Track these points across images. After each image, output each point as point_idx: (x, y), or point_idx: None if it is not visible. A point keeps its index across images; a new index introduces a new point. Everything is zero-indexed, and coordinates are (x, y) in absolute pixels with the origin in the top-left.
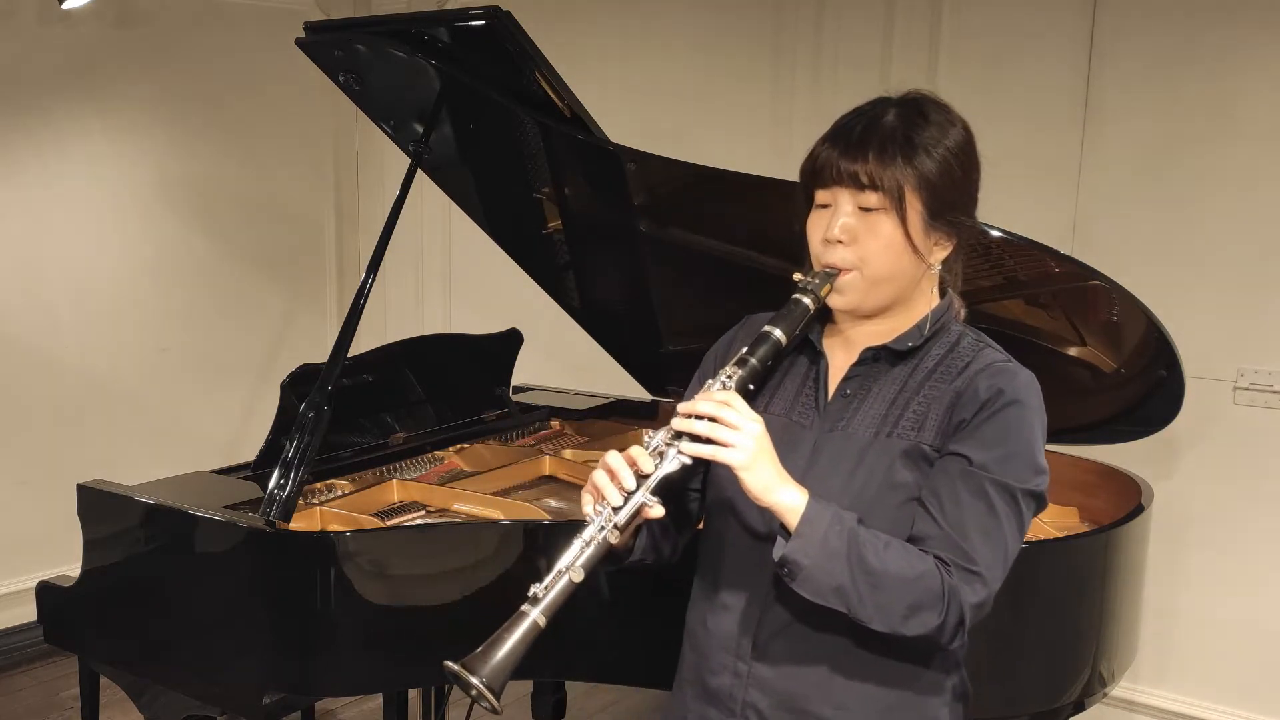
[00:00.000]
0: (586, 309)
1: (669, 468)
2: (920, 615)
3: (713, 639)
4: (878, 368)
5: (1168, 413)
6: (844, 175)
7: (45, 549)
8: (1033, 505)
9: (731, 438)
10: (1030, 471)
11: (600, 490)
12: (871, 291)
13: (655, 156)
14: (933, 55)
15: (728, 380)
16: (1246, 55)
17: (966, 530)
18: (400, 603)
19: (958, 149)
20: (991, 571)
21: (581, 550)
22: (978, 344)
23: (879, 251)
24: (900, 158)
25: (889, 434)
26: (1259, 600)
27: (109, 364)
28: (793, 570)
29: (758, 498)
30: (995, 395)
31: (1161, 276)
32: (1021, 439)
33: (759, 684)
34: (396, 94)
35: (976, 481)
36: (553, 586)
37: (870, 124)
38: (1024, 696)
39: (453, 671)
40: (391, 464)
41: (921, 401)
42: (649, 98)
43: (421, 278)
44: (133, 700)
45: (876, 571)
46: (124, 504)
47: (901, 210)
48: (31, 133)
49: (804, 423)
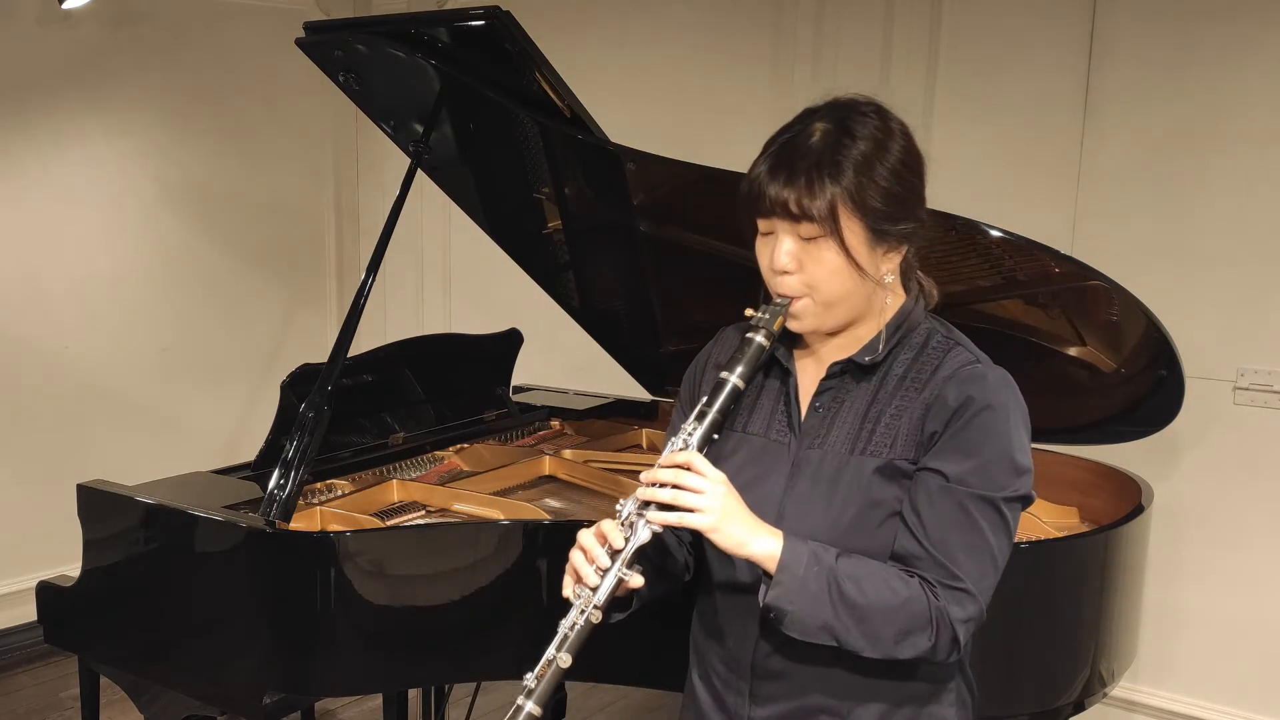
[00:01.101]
0: (586, 309)
1: (640, 539)
2: (911, 639)
3: (714, 653)
4: (846, 381)
5: (1168, 413)
6: (776, 205)
7: (45, 549)
8: (1018, 508)
9: (697, 502)
10: (1010, 476)
11: (578, 571)
12: (827, 314)
13: (655, 156)
14: (932, 56)
15: (688, 438)
16: (1246, 56)
17: (950, 548)
18: (400, 603)
19: (893, 160)
20: (980, 584)
21: (566, 636)
22: (947, 342)
23: (825, 278)
24: (829, 182)
25: (863, 450)
26: (1259, 600)
27: (109, 364)
28: (779, 615)
29: (733, 553)
30: (965, 403)
31: (1161, 276)
32: (997, 445)
33: (762, 699)
34: (396, 94)
35: (955, 498)
36: (543, 676)
37: (797, 147)
38: (1024, 696)
39: None
40: (391, 464)
41: (893, 414)
42: (649, 98)
43: (421, 278)
44: (133, 700)
45: (860, 606)
46: (124, 504)
47: (840, 235)
48: (31, 133)
49: (782, 440)
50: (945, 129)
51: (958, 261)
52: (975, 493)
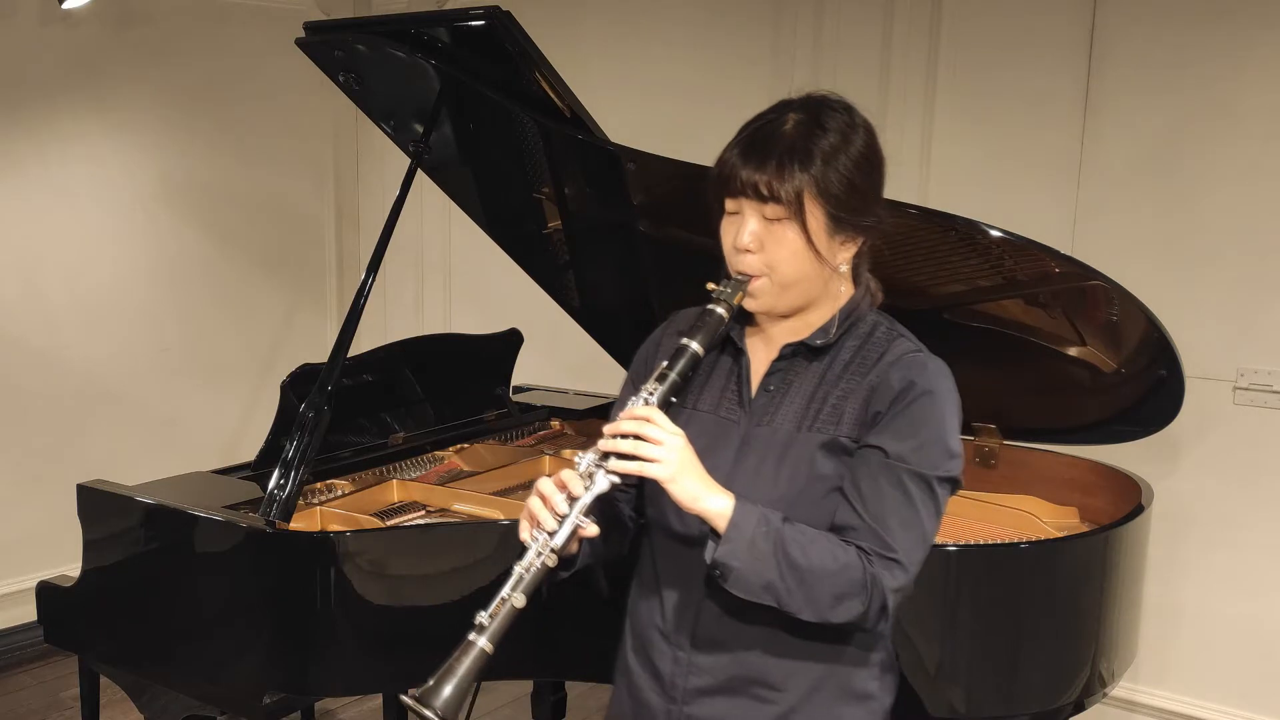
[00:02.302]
0: (586, 309)
1: (599, 489)
2: (846, 604)
3: (653, 628)
4: (796, 363)
5: (1168, 413)
6: (746, 187)
7: (45, 549)
8: (947, 489)
9: (656, 453)
10: (944, 458)
11: (535, 516)
12: (782, 295)
13: (655, 156)
14: (932, 54)
15: (649, 396)
16: (1246, 55)
17: (886, 520)
18: (400, 603)
19: (857, 154)
20: (910, 557)
21: (521, 577)
22: (891, 333)
23: (785, 259)
24: (798, 168)
25: (810, 427)
26: (1259, 600)
27: (109, 364)
28: (724, 572)
29: (686, 506)
30: (908, 387)
31: (1161, 276)
32: (934, 428)
33: (698, 670)
34: (396, 94)
35: (894, 473)
36: (497, 614)
37: (771, 134)
38: (1024, 696)
39: (407, 705)
40: (391, 464)
41: (839, 395)
42: (649, 97)
43: (421, 278)
44: (133, 700)
45: (802, 568)
46: (124, 504)
47: (803, 219)
48: (32, 132)
49: (731, 418)
50: (945, 128)
51: (958, 262)
52: (913, 469)
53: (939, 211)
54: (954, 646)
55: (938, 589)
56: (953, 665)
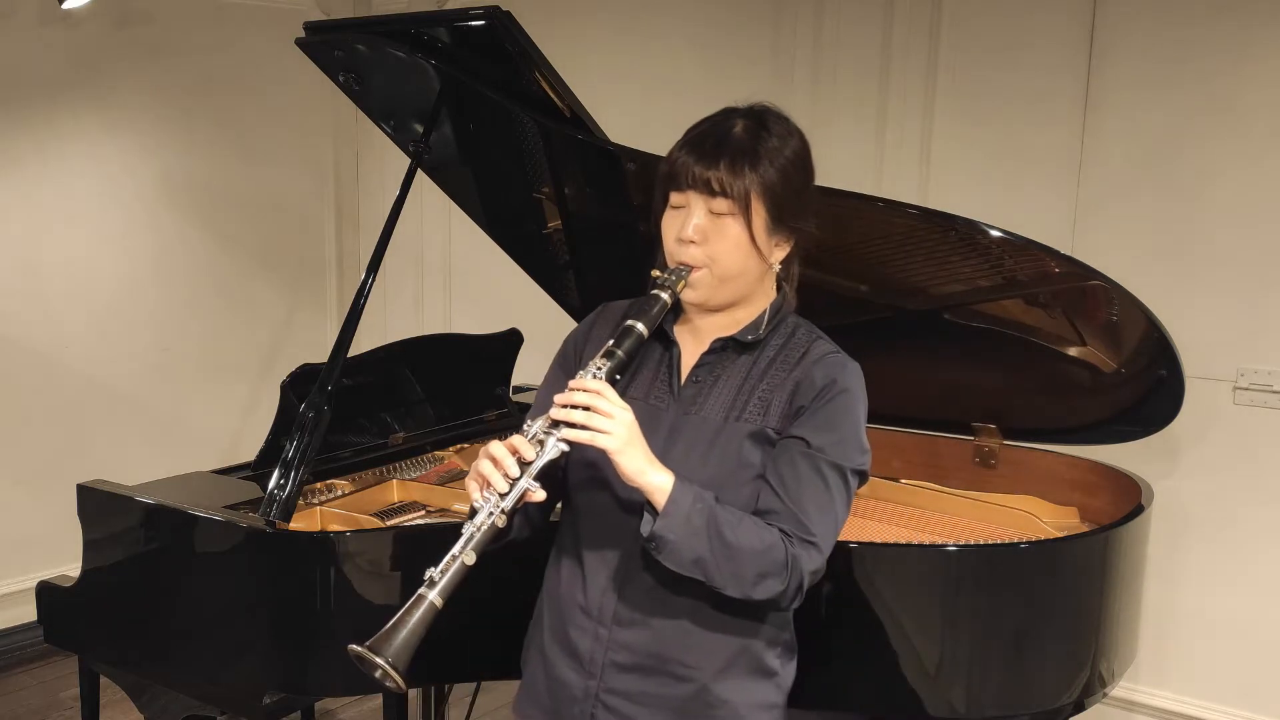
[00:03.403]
0: (586, 309)
1: (550, 454)
2: (767, 582)
3: (575, 604)
4: (725, 356)
5: (1168, 413)
6: (697, 181)
7: (45, 549)
8: (857, 481)
9: (606, 425)
10: (858, 452)
11: (486, 478)
12: (720, 288)
13: (655, 156)
14: (932, 54)
15: (598, 371)
16: (1246, 53)
17: (805, 506)
18: (400, 603)
19: (796, 159)
20: (826, 541)
21: (471, 535)
22: (810, 335)
23: (727, 251)
24: (748, 167)
25: (738, 418)
26: (1259, 600)
27: (109, 364)
28: (660, 544)
29: (630, 479)
30: (830, 384)
31: (1161, 276)
32: (850, 423)
33: (619, 646)
34: (396, 94)
35: (813, 462)
36: (447, 570)
37: (722, 135)
38: (1024, 696)
39: (357, 653)
40: (391, 464)
41: (765, 388)
42: (649, 97)
43: (421, 278)
44: (133, 700)
45: (732, 545)
46: (124, 504)
47: (748, 215)
48: (32, 132)
49: (660, 405)
50: (945, 127)
51: (958, 261)
52: (831, 460)
53: (939, 211)
54: (954, 646)
55: (938, 589)
56: (953, 665)
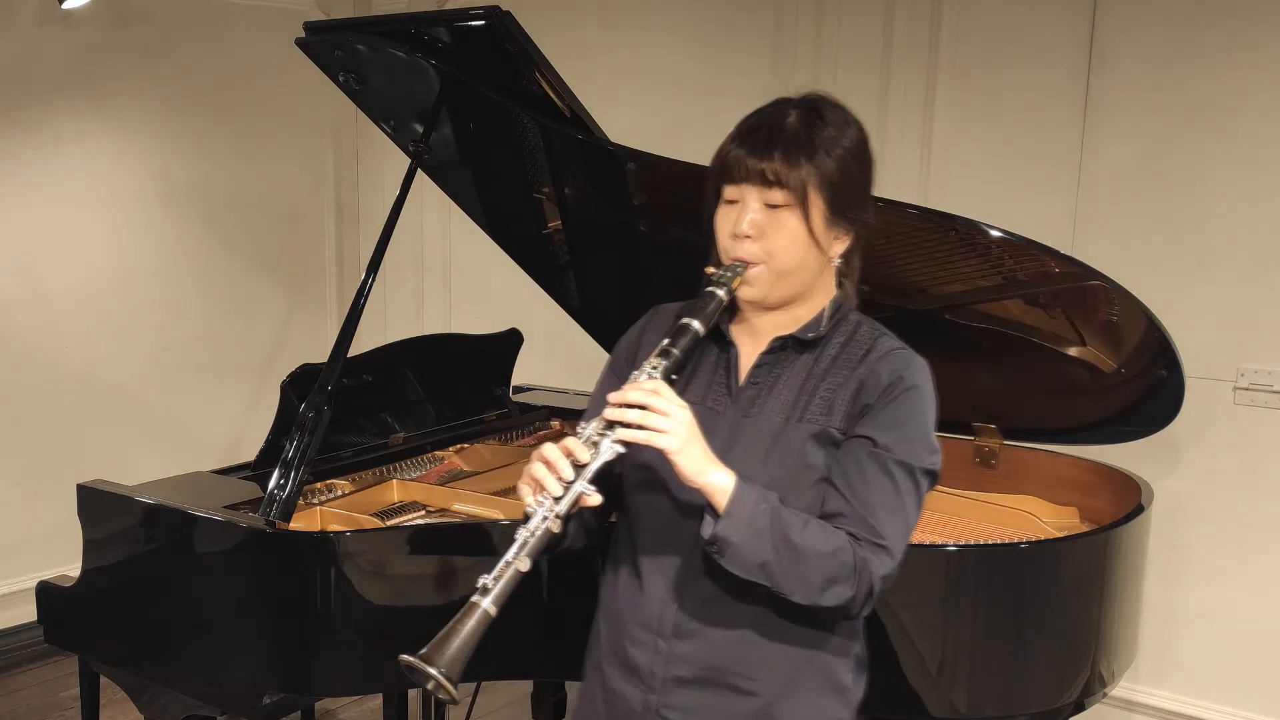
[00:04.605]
0: (586, 309)
1: (606, 456)
2: (836, 587)
3: (633, 616)
4: (785, 356)
5: (1168, 413)
6: (752, 173)
7: (45, 549)
8: (928, 481)
9: (663, 424)
10: (927, 451)
11: (540, 482)
12: (778, 284)
13: (655, 156)
14: (932, 54)
15: (653, 371)
16: (1246, 53)
17: (874, 507)
18: (400, 603)
19: (855, 148)
20: (897, 544)
21: (525, 541)
22: (874, 331)
23: (785, 246)
24: (804, 158)
25: (799, 419)
26: (1259, 600)
27: (109, 364)
28: (722, 547)
29: (690, 479)
30: (896, 381)
31: (1161, 276)
32: (919, 421)
33: (678, 659)
34: (396, 94)
35: (881, 461)
36: (501, 577)
37: (775, 125)
38: (1024, 696)
39: (409, 664)
40: (391, 464)
41: (828, 387)
42: (649, 97)
43: (421, 278)
44: (133, 700)
45: (798, 547)
46: (124, 504)
47: (805, 207)
48: (32, 133)
49: (718, 409)
50: (945, 127)
51: (958, 261)
52: (898, 459)
53: (939, 211)
54: (954, 647)
55: (938, 589)
56: (953, 665)
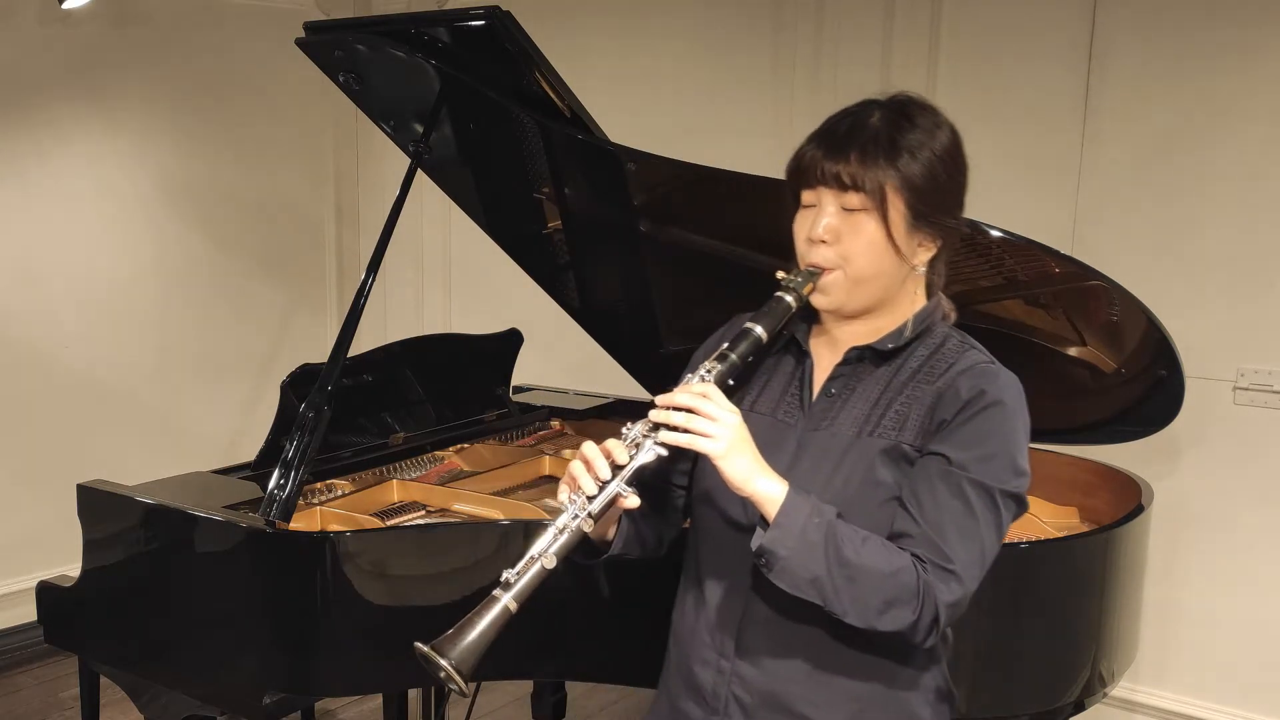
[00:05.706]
0: (586, 309)
1: (644, 458)
2: (895, 611)
3: (696, 635)
4: (862, 367)
5: (1168, 413)
6: (827, 176)
7: (45, 549)
8: (1013, 507)
9: (709, 428)
10: (1010, 473)
11: (576, 480)
12: (854, 291)
13: (655, 156)
14: (933, 54)
15: (706, 374)
16: (1246, 54)
17: (944, 529)
18: (400, 603)
19: (943, 151)
20: (968, 571)
21: (555, 538)
22: (962, 346)
23: (861, 251)
24: (883, 159)
25: (871, 433)
26: (1259, 600)
27: (109, 364)
28: (770, 560)
29: (737, 487)
30: (977, 396)
31: (1161, 276)
32: (1001, 440)
33: (741, 681)
34: (396, 94)
35: (955, 481)
36: (525, 572)
37: (855, 125)
38: (1024, 696)
39: (422, 653)
40: (391, 464)
41: (904, 401)
42: (648, 97)
43: (421, 278)
44: (133, 700)
45: (853, 565)
46: (124, 504)
47: (884, 211)
48: (32, 133)
49: (789, 421)
50: None
51: (958, 262)
52: (974, 479)
53: None
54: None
55: None
56: (953, 665)
